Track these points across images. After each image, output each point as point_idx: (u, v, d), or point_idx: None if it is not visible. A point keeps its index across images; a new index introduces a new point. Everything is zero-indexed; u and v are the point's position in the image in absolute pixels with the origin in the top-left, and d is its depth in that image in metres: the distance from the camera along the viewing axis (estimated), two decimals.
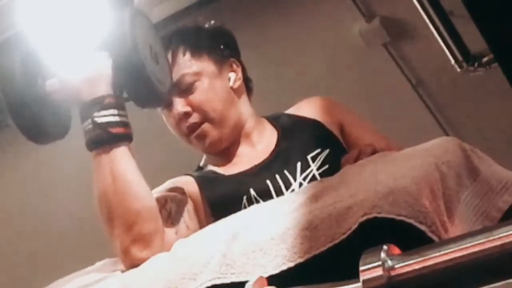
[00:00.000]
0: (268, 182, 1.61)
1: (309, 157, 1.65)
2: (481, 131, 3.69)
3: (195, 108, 1.65)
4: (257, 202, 1.55)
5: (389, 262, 0.85)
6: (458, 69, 3.52)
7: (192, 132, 1.67)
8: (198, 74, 1.66)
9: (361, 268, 0.85)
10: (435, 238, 0.94)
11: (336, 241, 1.00)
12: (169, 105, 1.68)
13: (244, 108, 1.75)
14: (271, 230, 1.07)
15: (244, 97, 1.77)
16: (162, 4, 3.28)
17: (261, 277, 0.98)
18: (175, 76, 1.63)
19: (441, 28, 3.31)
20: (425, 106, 3.77)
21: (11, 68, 1.52)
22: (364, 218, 0.98)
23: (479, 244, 0.82)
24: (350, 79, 3.64)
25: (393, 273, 0.84)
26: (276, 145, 1.71)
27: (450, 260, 0.83)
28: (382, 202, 0.98)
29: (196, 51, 1.68)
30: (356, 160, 1.42)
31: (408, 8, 3.28)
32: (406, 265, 0.84)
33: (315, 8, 3.43)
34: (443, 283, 0.84)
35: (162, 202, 1.49)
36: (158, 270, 1.19)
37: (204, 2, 3.33)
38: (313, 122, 1.74)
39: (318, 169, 1.62)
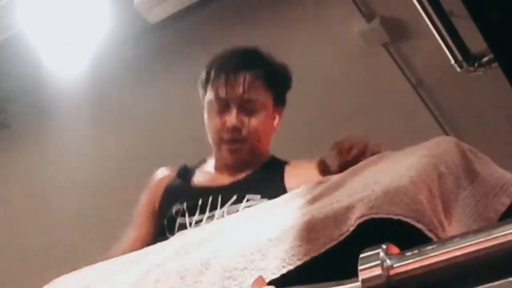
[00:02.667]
0: (199, 200, 1.79)
1: (247, 196, 1.77)
2: (481, 131, 3.69)
3: (247, 129, 1.86)
4: (183, 215, 1.76)
5: (388, 262, 0.85)
6: (458, 69, 3.51)
7: (230, 144, 1.87)
8: (263, 105, 1.90)
9: (360, 267, 0.85)
10: (432, 237, 0.94)
11: (335, 242, 0.99)
12: (225, 108, 1.87)
13: (268, 143, 1.99)
14: (269, 232, 1.06)
15: (272, 135, 2.01)
16: (162, 4, 3.28)
17: (261, 276, 0.98)
18: (247, 92, 1.87)
19: (441, 28, 3.31)
20: (425, 106, 3.77)
21: None
22: (362, 219, 0.98)
23: (478, 243, 0.82)
24: (350, 79, 3.64)
25: (392, 272, 0.84)
26: (241, 179, 1.88)
27: (449, 259, 0.83)
28: (379, 202, 0.98)
29: (269, 86, 1.92)
30: (349, 150, 1.46)
31: (408, 8, 3.28)
32: (405, 265, 0.84)
33: (315, 8, 3.43)
34: (442, 282, 0.84)
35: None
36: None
37: (204, 2, 3.34)
38: (281, 180, 1.87)
39: (244, 208, 1.74)
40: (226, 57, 1.94)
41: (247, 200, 1.76)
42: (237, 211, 1.72)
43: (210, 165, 1.99)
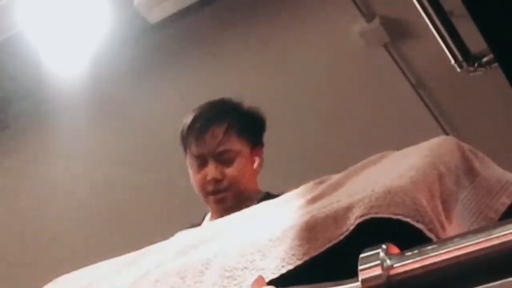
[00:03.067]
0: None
1: None
2: (481, 131, 3.69)
3: (227, 179, 1.99)
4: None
5: (388, 262, 0.85)
6: (458, 69, 3.51)
7: (214, 195, 2.00)
8: (238, 153, 2.02)
9: (360, 267, 0.85)
10: (432, 237, 0.94)
11: (335, 242, 0.99)
12: (203, 162, 2.01)
13: (255, 184, 2.08)
14: (269, 232, 1.06)
15: (256, 179, 2.10)
16: (162, 4, 3.28)
17: (260, 276, 0.98)
18: (220, 145, 2.00)
19: (441, 28, 3.31)
20: (425, 106, 3.77)
21: None
22: (362, 218, 0.98)
23: (478, 243, 0.81)
24: (350, 79, 3.64)
25: (392, 272, 0.84)
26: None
27: (449, 259, 0.83)
28: (379, 202, 0.98)
29: (242, 132, 2.04)
30: None
31: (408, 8, 3.28)
32: (405, 264, 0.84)
33: (315, 8, 3.43)
34: (442, 282, 0.84)
35: None
36: None
37: (204, 2, 3.34)
38: None
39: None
40: (196, 115, 2.07)
41: None
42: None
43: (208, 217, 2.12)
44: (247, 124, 2.07)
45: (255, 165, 2.08)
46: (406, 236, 0.94)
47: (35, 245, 4.00)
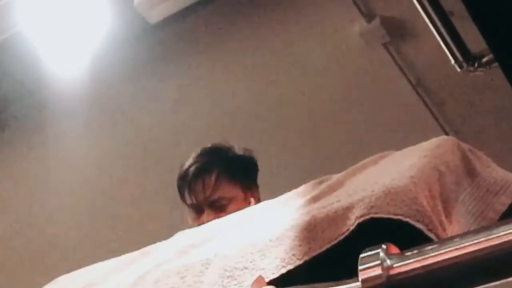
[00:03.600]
0: None
1: None
2: (481, 131, 3.69)
3: None
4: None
5: (388, 261, 0.85)
6: (458, 69, 3.52)
7: None
8: (232, 198, 2.04)
9: (360, 267, 0.85)
10: (433, 237, 0.94)
11: (335, 242, 0.99)
12: (200, 211, 2.05)
13: None
14: (270, 232, 1.06)
15: None
16: (162, 4, 3.28)
17: (260, 276, 0.98)
18: (212, 194, 2.04)
19: (441, 28, 3.31)
20: (425, 106, 3.77)
21: None
22: (362, 218, 0.98)
23: (478, 243, 0.81)
24: (350, 79, 3.64)
25: (392, 272, 0.84)
26: None
27: (449, 259, 0.82)
28: (379, 202, 0.98)
29: (232, 178, 2.08)
30: None
31: (408, 8, 3.28)
32: (405, 264, 0.84)
33: (315, 8, 3.43)
34: (442, 282, 0.83)
35: None
36: None
37: (204, 2, 3.33)
38: None
39: None
40: (187, 166, 2.10)
41: None
42: None
43: None
44: (238, 169, 2.10)
45: (252, 205, 2.06)
46: (406, 236, 0.94)
47: (34, 245, 4.00)
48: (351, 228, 0.98)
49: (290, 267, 1.00)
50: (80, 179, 3.83)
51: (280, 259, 1.01)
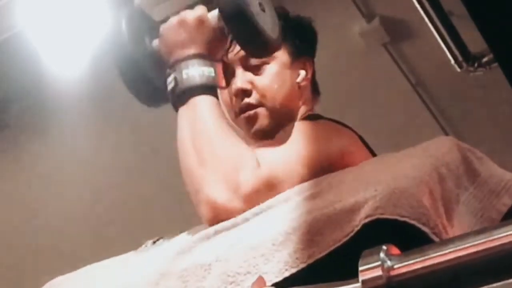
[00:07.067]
0: None
1: None
2: (481, 131, 3.69)
3: (257, 89, 1.53)
4: None
5: (389, 262, 0.85)
6: (458, 69, 3.51)
7: (243, 112, 1.53)
8: (272, 58, 1.54)
9: (360, 268, 0.85)
10: (436, 240, 0.94)
11: (339, 244, 0.99)
12: (231, 72, 1.55)
13: (302, 109, 1.64)
14: (272, 236, 1.05)
15: (306, 99, 1.67)
16: (163, 3, 3.27)
17: (260, 276, 0.98)
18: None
19: (441, 28, 3.31)
20: (425, 106, 3.77)
21: (118, 27, 1.44)
22: (368, 219, 0.97)
23: (479, 244, 0.81)
24: (350, 79, 3.64)
25: (392, 273, 0.84)
26: None
27: (450, 260, 0.82)
28: (384, 203, 0.98)
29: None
30: None
31: (408, 8, 3.28)
32: (405, 265, 0.84)
33: (314, 8, 3.43)
34: (443, 283, 0.84)
35: None
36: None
37: (204, 2, 3.33)
38: None
39: None
40: None
41: None
42: None
43: None
44: (289, 28, 1.59)
45: (299, 78, 1.62)
46: (408, 237, 0.94)
47: (34, 246, 4.00)
48: (356, 229, 0.98)
49: (294, 270, 1.00)
50: (80, 179, 3.83)
51: (283, 263, 1.00)
